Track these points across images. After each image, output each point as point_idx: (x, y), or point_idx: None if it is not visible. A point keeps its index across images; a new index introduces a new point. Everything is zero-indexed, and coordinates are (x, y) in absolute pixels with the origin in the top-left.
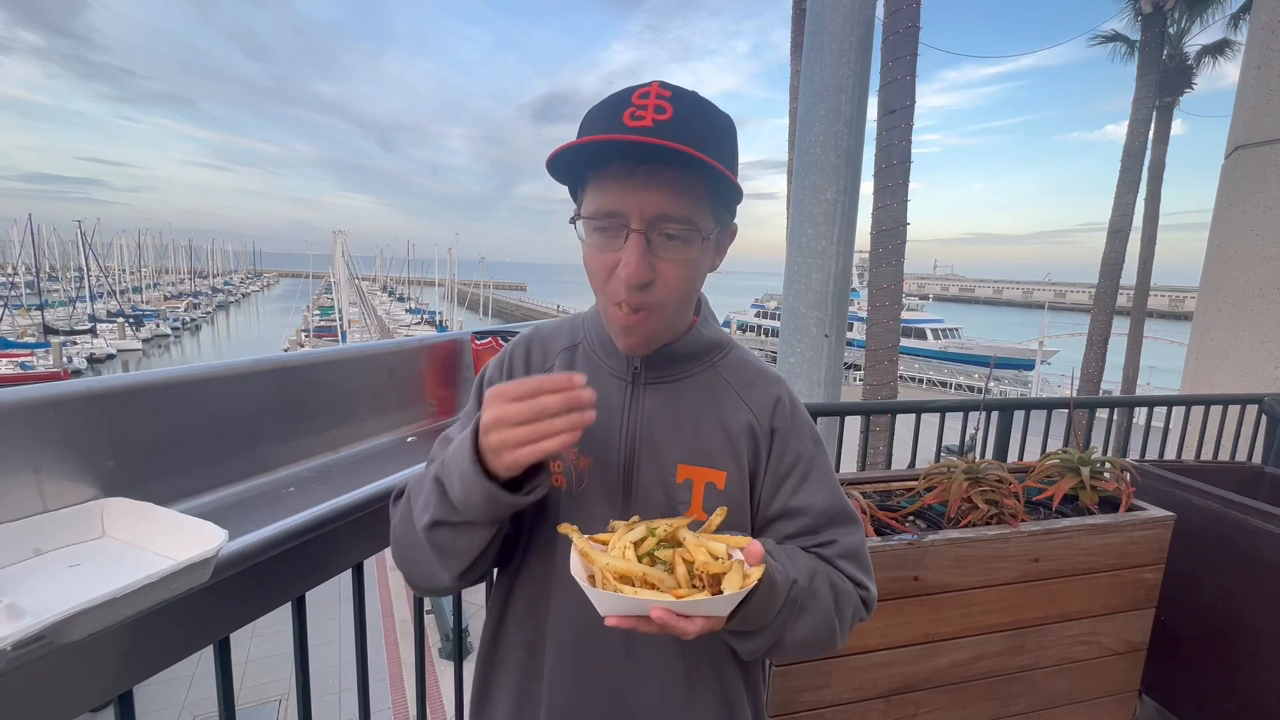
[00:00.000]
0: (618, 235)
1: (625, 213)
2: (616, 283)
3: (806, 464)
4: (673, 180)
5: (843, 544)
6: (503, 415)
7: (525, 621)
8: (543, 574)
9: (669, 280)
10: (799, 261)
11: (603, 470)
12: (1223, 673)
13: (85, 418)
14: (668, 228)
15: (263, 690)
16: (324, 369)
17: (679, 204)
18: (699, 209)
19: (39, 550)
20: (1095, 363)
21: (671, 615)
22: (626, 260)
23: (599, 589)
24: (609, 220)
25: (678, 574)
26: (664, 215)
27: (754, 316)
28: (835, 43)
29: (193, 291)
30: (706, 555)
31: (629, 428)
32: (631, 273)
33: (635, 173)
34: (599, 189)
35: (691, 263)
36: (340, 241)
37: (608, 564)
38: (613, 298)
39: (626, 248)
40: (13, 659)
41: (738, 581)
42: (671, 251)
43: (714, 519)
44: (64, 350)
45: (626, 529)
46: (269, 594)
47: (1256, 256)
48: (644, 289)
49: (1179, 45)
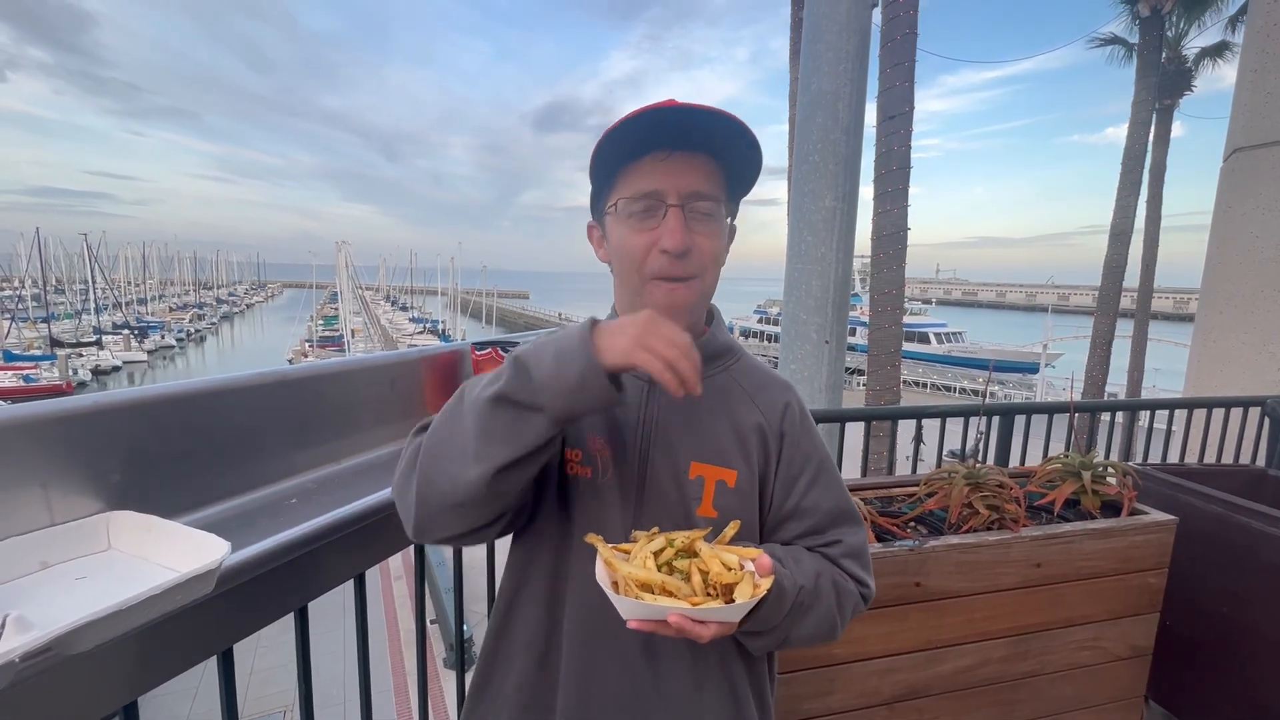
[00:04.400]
0: (655, 213)
1: (663, 190)
2: (656, 255)
3: (816, 467)
4: (703, 164)
5: (847, 543)
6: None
7: (537, 619)
8: (557, 572)
9: (704, 250)
10: (799, 268)
11: (619, 463)
12: (1229, 677)
13: (91, 433)
14: (700, 205)
15: (267, 702)
16: (326, 381)
17: (710, 184)
18: (720, 193)
19: (46, 563)
20: (1099, 366)
21: (688, 621)
22: (671, 229)
23: (621, 595)
24: (648, 200)
25: (693, 583)
26: (697, 193)
27: (756, 322)
28: (832, 51)
29: (197, 303)
30: (720, 566)
31: (645, 424)
32: (677, 239)
33: (671, 158)
34: (635, 175)
35: (718, 238)
36: (344, 252)
37: (630, 573)
38: (651, 273)
39: (667, 220)
40: (21, 670)
41: (748, 591)
42: (704, 225)
43: (728, 531)
44: (69, 362)
45: (647, 539)
46: (272, 605)
47: (1257, 259)
48: (685, 256)
49: (1177, 48)
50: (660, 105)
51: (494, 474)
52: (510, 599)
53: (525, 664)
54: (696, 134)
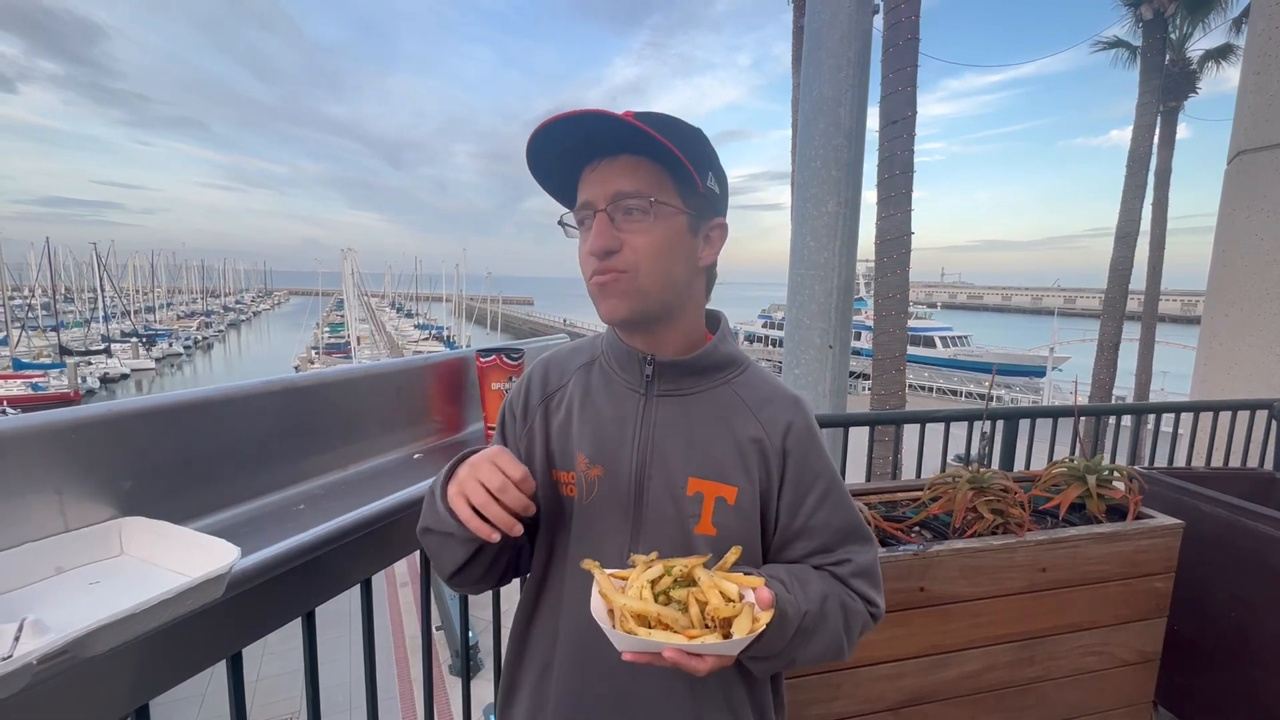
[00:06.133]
0: (589, 222)
1: (593, 200)
2: (589, 261)
3: (825, 484)
4: (627, 164)
5: (857, 562)
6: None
7: (547, 621)
8: (558, 578)
9: (636, 246)
10: (802, 273)
11: (614, 481)
12: (1238, 682)
13: (104, 440)
14: (625, 203)
15: (274, 709)
16: (332, 388)
17: (633, 182)
18: (659, 189)
19: (60, 568)
20: (1106, 369)
21: (683, 655)
22: (593, 233)
23: (616, 629)
24: (583, 212)
25: (691, 614)
26: (620, 193)
27: (761, 327)
28: (833, 58)
29: (205, 310)
30: (719, 599)
31: (641, 439)
32: (595, 243)
33: (596, 168)
34: (579, 190)
35: (654, 232)
36: (350, 259)
37: (625, 605)
38: (587, 275)
39: (593, 225)
40: (38, 672)
41: (747, 625)
42: (632, 223)
43: (729, 557)
44: (78, 370)
45: (644, 566)
46: (280, 609)
47: (1262, 261)
48: (608, 256)
49: (1181, 50)
50: (547, 122)
51: (451, 575)
52: (532, 603)
53: (537, 666)
54: (602, 136)
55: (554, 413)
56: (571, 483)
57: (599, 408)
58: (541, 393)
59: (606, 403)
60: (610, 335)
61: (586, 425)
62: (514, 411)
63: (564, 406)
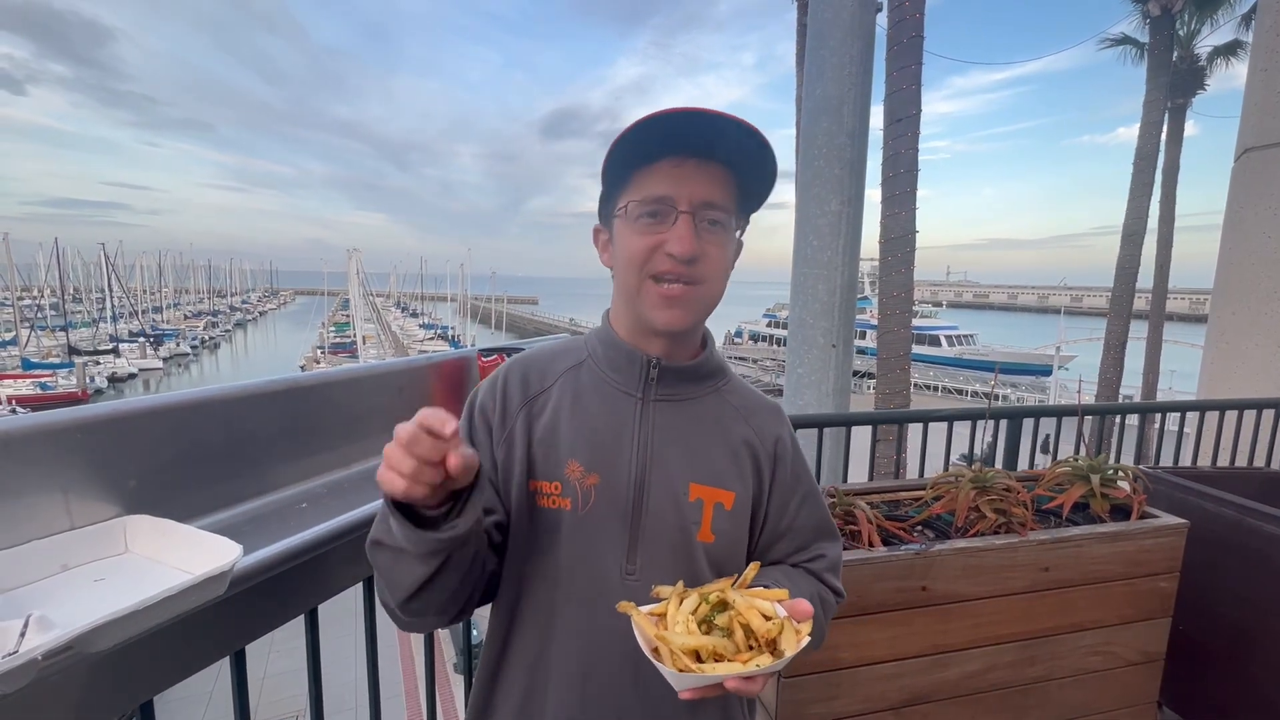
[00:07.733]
0: (665, 219)
1: (675, 197)
2: (661, 258)
3: (805, 487)
4: (716, 173)
5: (829, 557)
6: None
7: (528, 642)
8: (546, 605)
9: (713, 259)
10: (805, 273)
11: (612, 488)
12: (1242, 683)
13: (109, 439)
14: (711, 214)
15: (279, 707)
16: (336, 388)
17: (722, 194)
18: (731, 205)
19: (66, 566)
20: (1113, 368)
21: (743, 682)
22: (680, 236)
23: (669, 668)
24: (658, 204)
25: (736, 638)
26: (708, 202)
27: (765, 326)
28: (836, 57)
29: (211, 310)
30: (760, 620)
31: (640, 444)
32: (686, 246)
33: (684, 164)
34: (647, 180)
35: (726, 248)
36: (355, 259)
37: (682, 644)
38: (654, 272)
39: (676, 226)
40: (43, 668)
41: (793, 641)
42: (714, 235)
43: (748, 574)
44: (87, 370)
45: (678, 599)
46: (283, 607)
47: (1269, 259)
48: (692, 263)
49: (1189, 47)
50: (680, 110)
51: (404, 602)
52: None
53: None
54: (715, 143)
55: (536, 418)
56: (554, 493)
57: (591, 412)
58: (522, 396)
59: (599, 407)
60: (605, 335)
61: (579, 431)
62: (487, 417)
63: (548, 411)
